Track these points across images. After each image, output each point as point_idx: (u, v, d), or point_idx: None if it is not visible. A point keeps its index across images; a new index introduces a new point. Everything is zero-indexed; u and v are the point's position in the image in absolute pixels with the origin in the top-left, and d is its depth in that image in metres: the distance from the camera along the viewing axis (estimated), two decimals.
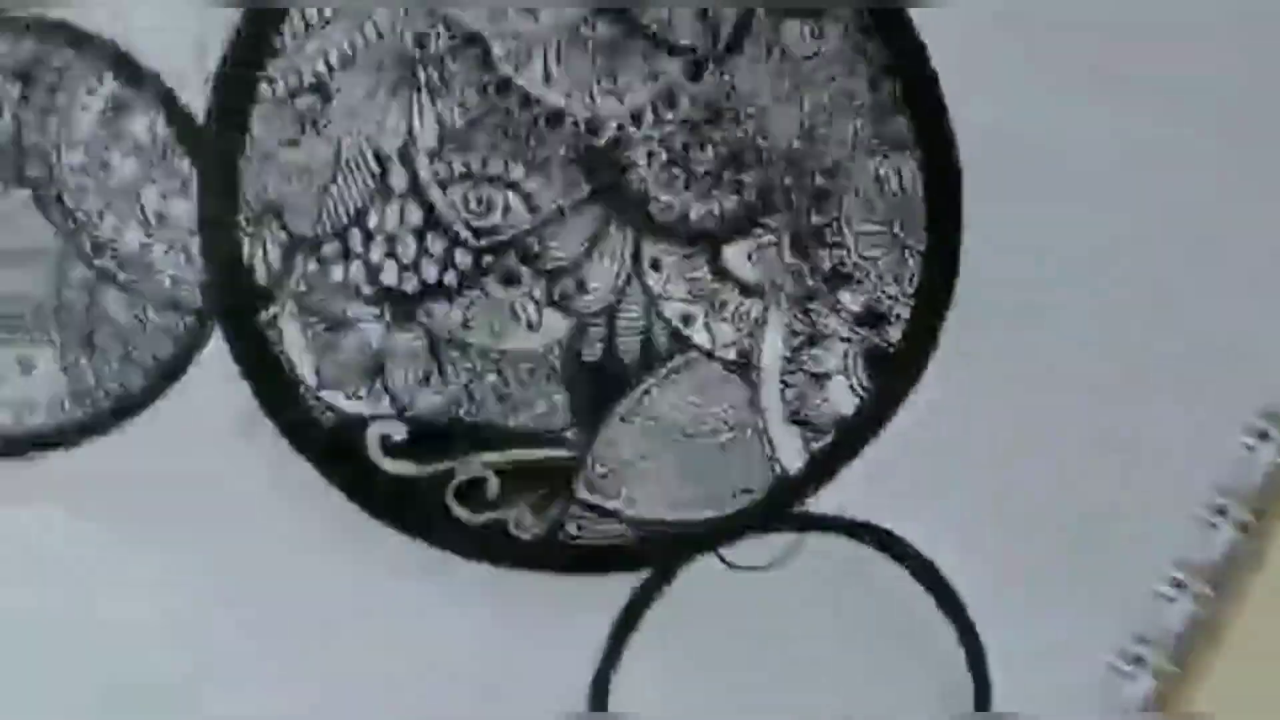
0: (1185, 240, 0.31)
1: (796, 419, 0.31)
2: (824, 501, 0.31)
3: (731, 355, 0.31)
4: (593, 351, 0.31)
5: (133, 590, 0.30)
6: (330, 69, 0.30)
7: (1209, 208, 0.31)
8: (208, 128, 0.30)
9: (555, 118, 0.30)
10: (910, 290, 0.31)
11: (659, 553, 0.31)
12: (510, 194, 0.31)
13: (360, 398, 0.31)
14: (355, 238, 0.30)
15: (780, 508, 0.31)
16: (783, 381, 0.31)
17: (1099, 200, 0.31)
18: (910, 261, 0.31)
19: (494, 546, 0.31)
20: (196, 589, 0.30)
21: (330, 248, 0.30)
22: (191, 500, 0.30)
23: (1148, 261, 0.31)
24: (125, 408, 0.30)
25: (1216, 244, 0.31)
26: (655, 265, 0.31)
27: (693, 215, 0.31)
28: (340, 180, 0.30)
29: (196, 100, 0.30)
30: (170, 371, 0.30)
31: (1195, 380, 0.31)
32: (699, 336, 0.31)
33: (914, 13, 0.31)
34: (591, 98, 0.30)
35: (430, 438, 0.31)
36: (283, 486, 0.30)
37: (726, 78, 0.31)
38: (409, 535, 0.30)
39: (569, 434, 0.31)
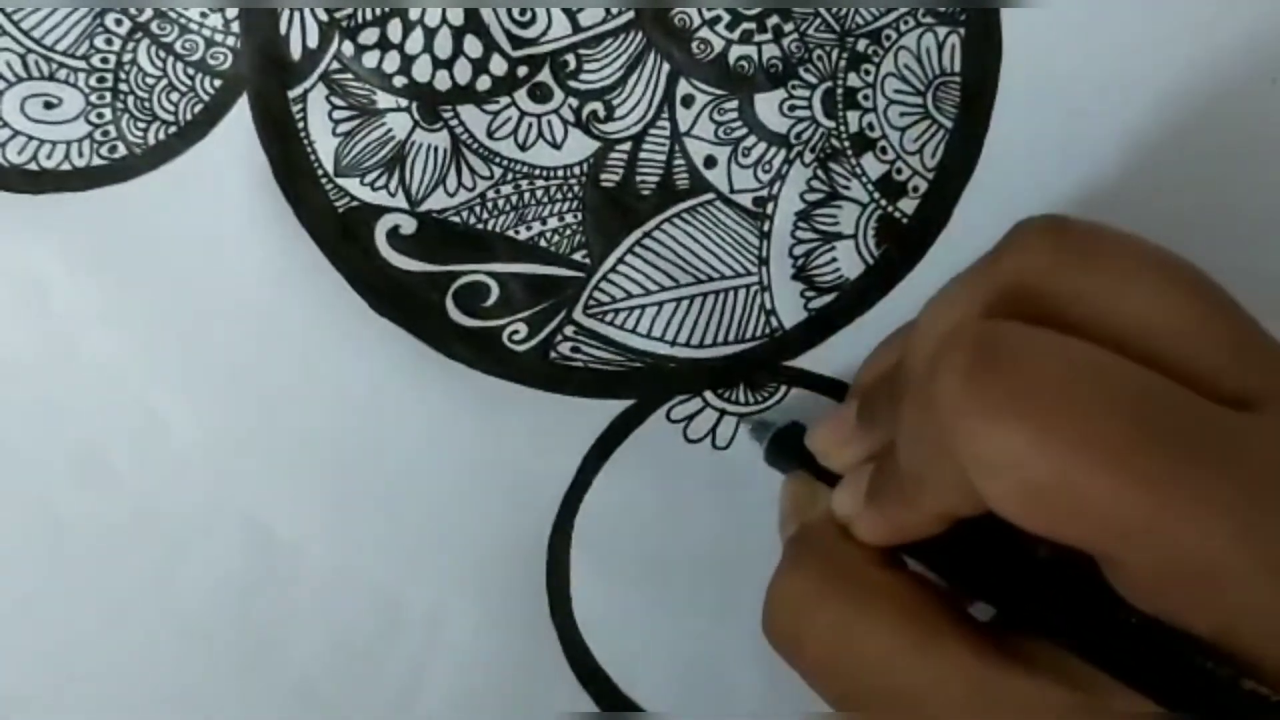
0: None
1: (800, 276, 0.31)
2: (814, 361, 0.31)
3: (747, 203, 0.31)
4: (612, 178, 0.31)
5: (116, 332, 0.30)
6: None
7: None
8: None
9: None
10: (931, 165, 0.31)
11: (646, 386, 0.31)
12: (554, 8, 0.31)
13: (375, 188, 0.31)
14: (394, 27, 0.30)
15: (772, 360, 0.31)
16: (793, 237, 0.31)
17: (1130, 111, 0.32)
18: (937, 137, 0.31)
19: (486, 354, 0.31)
20: (181, 341, 0.30)
21: (368, 34, 0.30)
22: (192, 261, 0.30)
23: (1175, 167, 0.31)
24: (140, 162, 0.30)
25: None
26: (687, 102, 0.31)
27: (731, 58, 0.31)
28: None
29: None
30: (190, 133, 0.30)
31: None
32: (718, 179, 0.31)
33: None
34: None
35: (439, 238, 0.31)
36: (286, 264, 0.30)
37: None
38: (405, 329, 0.31)
39: (576, 256, 0.31)
